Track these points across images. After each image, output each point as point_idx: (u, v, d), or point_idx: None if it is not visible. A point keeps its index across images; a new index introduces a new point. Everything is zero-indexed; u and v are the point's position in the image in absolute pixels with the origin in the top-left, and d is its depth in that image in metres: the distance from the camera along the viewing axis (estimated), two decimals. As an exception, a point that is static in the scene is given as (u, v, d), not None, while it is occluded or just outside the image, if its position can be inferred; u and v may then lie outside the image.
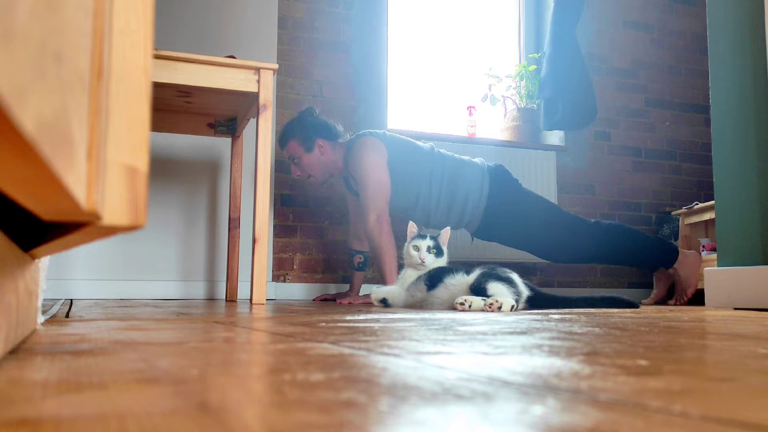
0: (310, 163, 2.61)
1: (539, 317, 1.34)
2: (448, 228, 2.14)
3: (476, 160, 2.68)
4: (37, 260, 0.75)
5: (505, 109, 3.61)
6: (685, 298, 2.69)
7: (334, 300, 2.70)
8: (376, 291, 2.08)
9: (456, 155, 2.67)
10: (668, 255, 2.67)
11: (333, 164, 2.64)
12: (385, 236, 2.38)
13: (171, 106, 2.44)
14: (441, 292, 1.90)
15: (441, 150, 2.66)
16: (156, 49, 2.00)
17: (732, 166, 2.19)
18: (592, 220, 2.67)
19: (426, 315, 1.43)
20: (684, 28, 3.95)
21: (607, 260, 2.72)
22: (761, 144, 2.09)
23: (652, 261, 2.69)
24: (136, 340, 0.72)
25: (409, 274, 2.03)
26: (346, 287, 3.02)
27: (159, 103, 2.38)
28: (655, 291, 2.81)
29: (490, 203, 2.58)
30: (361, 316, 1.33)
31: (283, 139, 2.64)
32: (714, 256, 2.69)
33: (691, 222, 3.26)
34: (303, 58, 3.16)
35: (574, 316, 1.41)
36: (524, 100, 3.56)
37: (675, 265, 2.66)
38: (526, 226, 2.62)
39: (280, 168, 3.07)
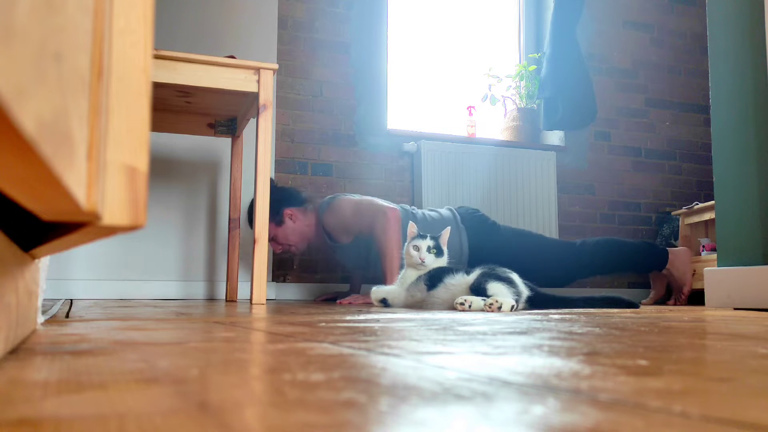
0: (285, 234, 2.64)
1: (539, 317, 1.34)
2: (449, 228, 2.14)
3: (444, 211, 2.68)
4: (37, 260, 0.75)
5: (505, 109, 3.61)
6: (683, 297, 2.70)
7: (335, 300, 2.71)
8: (376, 291, 2.08)
9: (427, 211, 2.68)
10: (658, 258, 2.70)
11: (308, 228, 2.67)
12: (391, 235, 2.38)
13: (171, 106, 2.43)
14: (441, 292, 1.90)
15: (413, 208, 2.67)
16: (156, 49, 2.00)
17: (732, 166, 2.19)
18: (578, 241, 2.70)
19: (426, 315, 1.43)
20: (684, 28, 3.95)
21: (601, 273, 2.76)
22: (761, 144, 2.09)
23: (644, 266, 2.75)
24: (136, 340, 0.72)
25: (409, 274, 2.03)
26: (346, 287, 3.02)
27: (159, 103, 2.38)
28: (653, 291, 2.82)
29: (472, 253, 2.59)
30: (361, 316, 1.33)
31: (251, 221, 2.58)
32: (714, 256, 2.69)
33: (691, 222, 3.26)
34: (303, 58, 3.16)
35: (574, 316, 1.41)
36: (524, 100, 3.56)
37: (667, 266, 2.69)
38: (514, 261, 2.64)
39: (280, 168, 3.07)
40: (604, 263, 2.67)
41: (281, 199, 2.61)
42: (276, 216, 2.60)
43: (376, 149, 3.24)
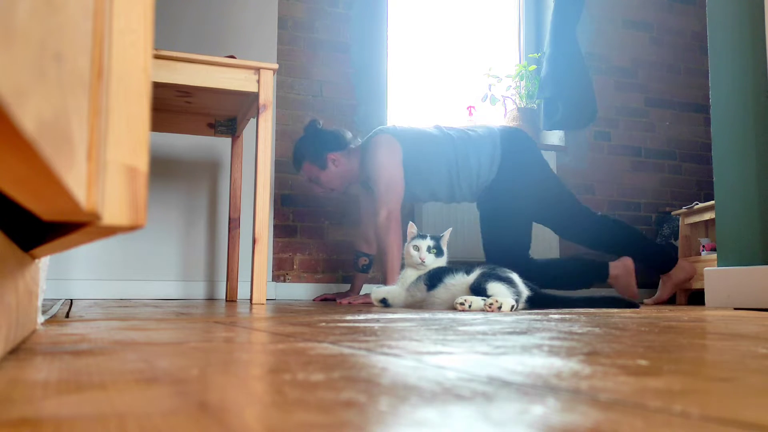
0: (328, 179, 2.63)
1: (539, 317, 1.34)
2: (450, 229, 2.15)
3: (481, 129, 2.66)
4: (37, 260, 0.75)
5: (505, 109, 3.61)
6: (662, 299, 2.75)
7: (334, 300, 2.70)
8: (376, 291, 2.08)
9: (465, 130, 2.66)
10: (665, 260, 2.70)
11: (350, 172, 2.65)
12: (392, 235, 2.38)
13: (171, 106, 2.43)
14: (441, 292, 1.90)
15: (449, 132, 2.65)
16: (156, 49, 2.00)
17: (732, 166, 2.18)
18: (600, 213, 2.70)
19: (426, 315, 1.43)
20: (683, 27, 3.95)
21: (605, 248, 2.73)
22: (761, 144, 2.09)
23: (649, 260, 2.73)
24: (136, 340, 0.72)
25: (410, 274, 2.03)
26: (346, 287, 3.02)
27: (159, 103, 2.38)
28: (658, 293, 2.81)
29: (501, 169, 2.57)
30: (361, 316, 1.33)
31: (296, 163, 2.67)
32: (714, 256, 2.69)
33: (691, 222, 3.26)
34: (303, 58, 3.16)
35: (574, 316, 1.41)
36: (524, 100, 3.56)
37: (670, 272, 2.70)
38: (531, 195, 2.64)
39: (280, 168, 3.07)
40: (613, 237, 2.66)
41: (325, 142, 2.61)
42: (319, 160, 2.60)
43: (376, 149, 3.24)
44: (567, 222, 2.68)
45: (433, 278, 1.94)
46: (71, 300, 2.36)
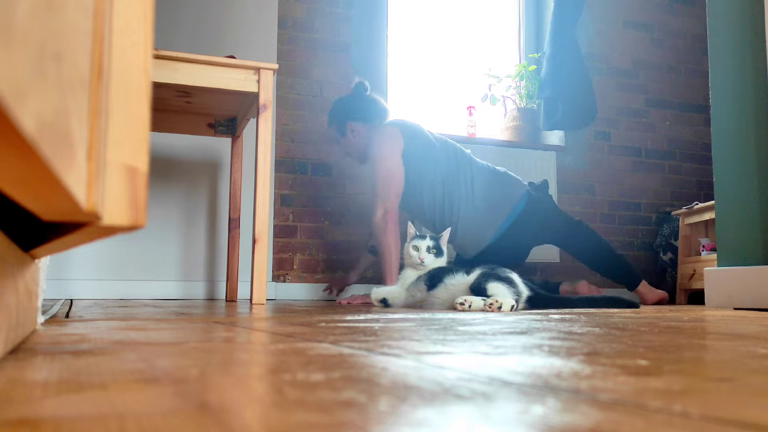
0: (346, 145, 2.67)
1: (539, 317, 1.34)
2: (449, 228, 2.14)
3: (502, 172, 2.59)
4: (37, 260, 0.75)
5: (505, 109, 3.61)
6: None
7: (341, 292, 2.73)
8: (376, 291, 2.08)
9: (499, 168, 2.61)
10: (628, 280, 2.63)
11: (364, 147, 2.64)
12: (389, 235, 2.35)
13: (171, 106, 2.43)
14: (441, 292, 1.90)
15: (456, 152, 2.58)
16: (156, 49, 2.00)
17: (732, 166, 2.18)
18: (576, 219, 2.66)
19: (426, 315, 1.43)
20: (684, 28, 3.95)
21: (573, 253, 2.68)
22: (761, 144, 2.09)
23: (613, 273, 2.68)
24: (136, 340, 0.72)
25: (409, 274, 2.03)
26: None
27: (159, 103, 2.38)
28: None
29: (512, 229, 2.50)
30: (361, 316, 1.33)
31: (328, 122, 2.73)
32: (714, 256, 2.69)
33: (691, 222, 3.26)
34: (303, 58, 3.16)
35: (574, 316, 1.41)
36: (524, 100, 3.56)
37: (635, 290, 2.63)
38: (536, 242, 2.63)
39: (280, 168, 3.07)
40: (584, 247, 2.63)
41: (350, 111, 2.61)
42: (340, 126, 2.63)
43: (376, 149, 3.23)
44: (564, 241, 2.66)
45: (433, 278, 1.94)
46: (71, 300, 2.36)
